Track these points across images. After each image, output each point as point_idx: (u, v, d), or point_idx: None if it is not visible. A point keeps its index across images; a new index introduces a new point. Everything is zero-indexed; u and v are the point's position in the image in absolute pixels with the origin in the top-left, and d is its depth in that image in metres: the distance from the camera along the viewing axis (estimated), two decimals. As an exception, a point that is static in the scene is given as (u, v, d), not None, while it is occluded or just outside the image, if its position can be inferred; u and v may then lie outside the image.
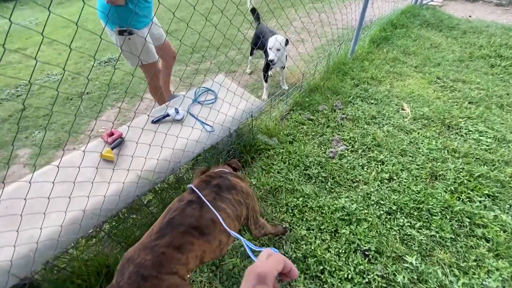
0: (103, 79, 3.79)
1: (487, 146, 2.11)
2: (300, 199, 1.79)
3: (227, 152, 2.08)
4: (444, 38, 3.66)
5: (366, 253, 1.49)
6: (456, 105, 2.53)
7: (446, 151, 2.07)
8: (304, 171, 1.99)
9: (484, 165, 1.96)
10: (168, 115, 1.85)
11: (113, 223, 1.66)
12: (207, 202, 0.95)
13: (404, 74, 3.01)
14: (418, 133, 2.25)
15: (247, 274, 0.39)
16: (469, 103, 2.57)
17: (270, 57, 2.54)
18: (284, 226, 1.64)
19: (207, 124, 1.84)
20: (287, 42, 2.60)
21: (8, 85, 3.62)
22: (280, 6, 5.81)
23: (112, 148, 1.63)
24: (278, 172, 1.98)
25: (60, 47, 4.71)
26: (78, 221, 1.28)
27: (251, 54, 3.42)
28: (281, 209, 1.75)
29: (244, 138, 2.16)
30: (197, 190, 1.01)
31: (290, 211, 1.74)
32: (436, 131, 2.26)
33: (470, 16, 4.42)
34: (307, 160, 2.06)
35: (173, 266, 0.90)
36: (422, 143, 2.14)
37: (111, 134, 1.71)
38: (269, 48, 2.55)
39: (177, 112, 1.87)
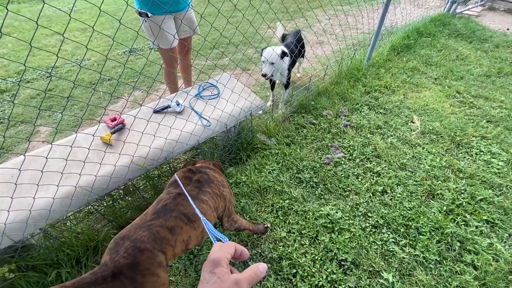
0: (126, 67, 4.01)
1: (498, 169, 1.97)
2: (287, 201, 1.79)
3: (223, 147, 2.13)
4: (473, 51, 3.43)
5: (342, 263, 1.47)
6: (472, 122, 2.38)
7: (449, 170, 1.97)
8: (296, 175, 1.98)
9: (490, 189, 1.84)
10: (169, 106, 1.93)
11: (107, 203, 1.77)
12: (190, 200, 1.01)
13: (421, 86, 2.87)
14: (423, 148, 2.15)
15: (205, 263, 0.43)
16: (487, 121, 2.40)
17: (263, 71, 2.31)
18: (265, 225, 1.65)
19: (204, 118, 1.89)
20: (284, 54, 2.32)
21: (41, 66, 3.93)
22: (309, 7, 5.75)
23: (113, 133, 1.73)
24: (269, 173, 2.00)
25: (92, 34, 5.02)
26: (70, 196, 1.39)
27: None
28: (266, 209, 1.77)
29: (243, 136, 2.20)
30: (184, 190, 1.09)
31: (275, 212, 1.75)
32: (444, 148, 2.15)
33: (508, 29, 4.09)
34: (301, 163, 2.05)
35: (164, 245, 0.98)
36: (425, 159, 2.05)
37: (114, 119, 1.82)
38: (262, 61, 2.34)
39: (177, 104, 1.95)
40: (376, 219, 1.67)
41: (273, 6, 6.06)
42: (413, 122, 2.41)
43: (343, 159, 2.10)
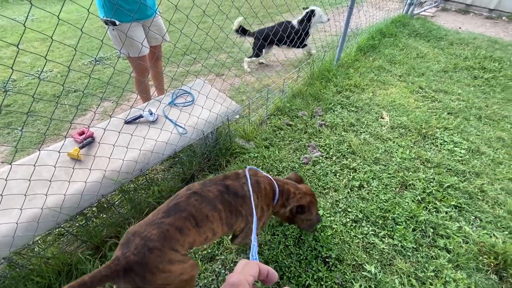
0: (92, 77, 3.82)
1: (460, 157, 2.13)
2: (269, 204, 1.79)
3: (202, 155, 2.10)
4: (431, 49, 3.70)
5: (327, 260, 1.50)
6: (435, 115, 2.56)
7: (419, 161, 2.09)
8: (277, 176, 2.00)
9: (455, 176, 1.98)
10: (141, 116, 1.86)
11: (80, 222, 1.66)
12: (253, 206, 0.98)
13: (388, 83, 3.04)
14: (394, 142, 2.26)
15: (223, 286, 0.39)
16: (448, 113, 2.59)
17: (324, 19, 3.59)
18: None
19: (180, 126, 1.85)
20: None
21: (-4, 80, 3.63)
22: (278, 11, 5.86)
23: (82, 147, 1.64)
24: (250, 176, 1.99)
25: (53, 44, 4.73)
26: (36, 219, 1.29)
27: (257, 56, 3.65)
28: (249, 213, 1.75)
29: (221, 141, 2.17)
30: (251, 193, 1.06)
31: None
32: (412, 141, 2.28)
33: (460, 28, 4.47)
34: (280, 165, 2.07)
35: (174, 244, 0.98)
36: (396, 152, 2.16)
37: (82, 133, 1.72)
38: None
39: (150, 113, 1.89)
40: (355, 213, 1.73)
41: (242, 11, 6.12)
42: (383, 118, 2.54)
43: (320, 157, 2.15)
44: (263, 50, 3.58)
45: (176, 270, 0.97)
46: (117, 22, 1.96)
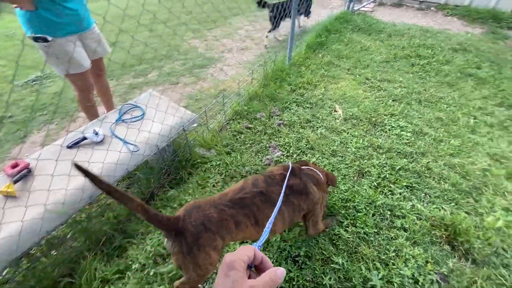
0: (30, 99, 3.45)
1: (407, 140, 2.31)
2: (235, 211, 1.76)
3: (160, 170, 2.00)
4: (373, 41, 3.97)
5: (296, 259, 1.51)
6: (382, 103, 2.74)
7: (371, 148, 2.22)
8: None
9: (404, 158, 2.13)
10: (85, 138, 1.71)
11: (25, 266, 1.47)
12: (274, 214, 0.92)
13: (338, 77, 3.19)
14: (348, 133, 2.38)
15: (220, 265, 0.41)
16: (393, 100, 2.80)
17: None
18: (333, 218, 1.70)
19: (131, 144, 1.74)
20: None
21: None
22: (231, 14, 5.84)
23: (16, 182, 1.45)
24: (213, 186, 1.94)
25: (-23, 66, 4.18)
26: (-38, 274, 1.11)
27: (276, 27, 4.14)
28: (215, 225, 1.70)
29: (180, 153, 2.09)
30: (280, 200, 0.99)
31: (225, 225, 1.70)
32: (364, 130, 2.41)
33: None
34: (243, 170, 2.05)
35: (225, 234, 1.03)
36: (351, 143, 2.27)
37: (15, 165, 1.53)
38: None
39: (95, 134, 1.75)
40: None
41: (194, 16, 6.01)
42: (336, 111, 2.65)
43: (281, 157, 2.17)
44: (281, 21, 4.08)
45: (214, 259, 1.03)
46: (49, 38, 1.78)
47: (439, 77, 3.17)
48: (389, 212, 1.73)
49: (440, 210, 1.76)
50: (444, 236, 1.60)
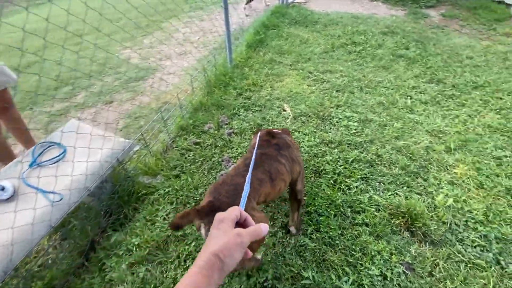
0: None
1: (355, 129, 2.34)
2: (193, 244, 1.59)
3: (97, 213, 1.71)
4: (310, 33, 4.02)
5: (265, 284, 1.40)
6: (327, 96, 2.76)
7: (323, 144, 2.20)
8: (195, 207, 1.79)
9: (355, 149, 2.16)
10: (-15, 198, 1.37)
11: None
12: (249, 173, 0.95)
13: (282, 74, 3.14)
14: (299, 131, 2.33)
15: (213, 223, 0.48)
16: (337, 91, 2.84)
17: None
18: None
19: (51, 192, 1.44)
20: None
21: None
22: (163, 18, 5.42)
23: None
24: (164, 219, 1.73)
25: None
26: None
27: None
28: (172, 264, 1.51)
29: (120, 188, 1.82)
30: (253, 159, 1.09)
31: (183, 262, 1.52)
32: (314, 126, 2.40)
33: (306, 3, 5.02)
34: (197, 193, 1.87)
35: (255, 194, 1.14)
36: (303, 141, 2.23)
37: None
38: None
39: (2, 189, 1.41)
40: (281, 219, 1.69)
41: (122, 24, 5.47)
42: (285, 110, 2.60)
43: (236, 170, 2.04)
44: None
45: (258, 217, 1.08)
46: None
47: (375, 61, 3.32)
48: (349, 210, 1.72)
49: (395, 196, 1.80)
50: (402, 223, 1.63)
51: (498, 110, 2.53)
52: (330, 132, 2.32)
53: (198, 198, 1.84)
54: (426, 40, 3.78)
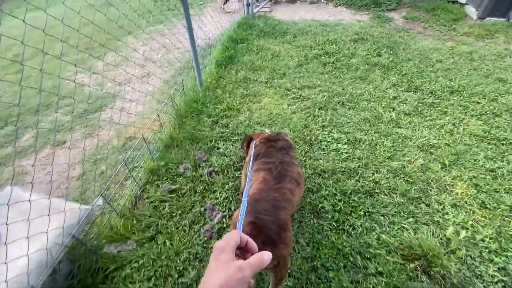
0: None
1: (346, 153, 2.17)
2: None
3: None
4: (281, 45, 3.84)
5: None
6: (309, 116, 2.58)
7: (316, 175, 2.00)
8: (179, 280, 1.48)
9: (350, 177, 1.98)
10: None
11: None
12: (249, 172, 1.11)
13: (258, 94, 2.91)
14: (288, 163, 2.11)
15: (212, 253, 0.45)
16: (319, 109, 2.67)
17: None
18: None
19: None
20: None
21: None
22: (119, 35, 4.91)
23: None
24: (142, 304, 1.39)
25: None
26: None
27: None
28: None
29: (82, 268, 1.45)
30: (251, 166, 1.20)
31: None
32: (303, 153, 2.19)
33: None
34: (179, 260, 1.55)
35: (289, 205, 1.17)
36: (294, 175, 2.00)
37: None
38: None
39: None
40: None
41: (72, 43, 4.89)
42: (268, 137, 2.36)
43: (223, 219, 1.75)
44: None
45: (290, 236, 1.08)
46: None
47: (351, 72, 3.21)
48: (359, 257, 1.51)
49: (403, 231, 1.63)
50: (418, 267, 1.47)
51: (478, 116, 2.52)
52: (320, 159, 2.12)
53: (180, 268, 1.52)
54: (396, 45, 3.78)
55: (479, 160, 2.09)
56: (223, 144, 2.30)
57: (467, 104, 2.67)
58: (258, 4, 5.46)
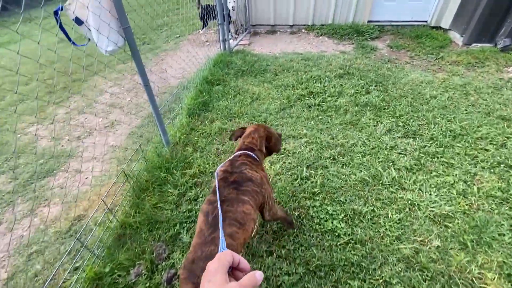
0: None
1: (345, 234, 1.74)
2: None
3: None
4: (261, 85, 3.49)
5: None
6: (296, 178, 2.16)
7: (310, 275, 1.54)
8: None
9: (355, 277, 1.53)
10: None
11: None
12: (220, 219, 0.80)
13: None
14: (274, 255, 1.65)
15: (204, 273, 0.45)
16: (307, 167, 2.26)
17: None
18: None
19: None
20: None
21: None
22: (83, 77, 4.44)
23: None
24: None
25: None
26: None
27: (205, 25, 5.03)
28: None
29: None
30: (218, 202, 0.90)
31: None
32: (292, 240, 1.74)
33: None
34: None
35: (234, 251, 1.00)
36: (283, 278, 1.54)
37: None
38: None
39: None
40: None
41: (30, 88, 4.41)
42: (248, 215, 1.91)
43: None
44: (208, 21, 4.78)
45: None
46: None
47: (340, 116, 2.86)
48: None
49: None
50: None
51: (491, 169, 2.17)
52: (314, 246, 1.68)
53: None
54: (384, 79, 3.51)
55: (505, 235, 1.70)
56: (190, 229, 1.83)
57: (474, 152, 2.33)
58: (237, 36, 5.21)
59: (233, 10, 4.69)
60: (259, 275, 0.44)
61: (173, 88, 3.75)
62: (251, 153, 1.40)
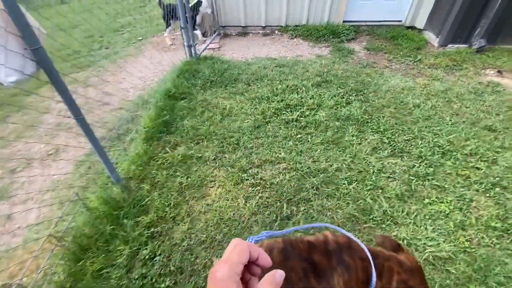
0: None
1: None
2: None
3: None
4: (232, 98, 3.11)
5: None
6: (276, 219, 1.83)
7: None
8: None
9: None
10: None
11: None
12: None
13: (204, 183, 2.11)
14: None
15: (209, 278, 0.35)
16: (287, 202, 1.94)
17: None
18: None
19: None
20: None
21: None
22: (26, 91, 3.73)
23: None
24: None
25: None
26: None
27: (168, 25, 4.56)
28: None
29: None
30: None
31: None
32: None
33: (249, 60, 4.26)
34: None
35: None
36: None
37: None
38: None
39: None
40: None
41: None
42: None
43: None
44: (171, 21, 4.43)
45: None
46: None
47: (321, 133, 2.57)
48: None
49: None
50: None
51: (486, 191, 1.99)
52: None
53: None
54: (364, 87, 3.27)
55: (511, 277, 1.50)
56: (145, 304, 1.44)
57: (466, 172, 2.13)
58: (205, 39, 4.77)
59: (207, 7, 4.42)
60: (279, 275, 0.37)
61: (130, 103, 3.25)
62: (374, 269, 0.92)
